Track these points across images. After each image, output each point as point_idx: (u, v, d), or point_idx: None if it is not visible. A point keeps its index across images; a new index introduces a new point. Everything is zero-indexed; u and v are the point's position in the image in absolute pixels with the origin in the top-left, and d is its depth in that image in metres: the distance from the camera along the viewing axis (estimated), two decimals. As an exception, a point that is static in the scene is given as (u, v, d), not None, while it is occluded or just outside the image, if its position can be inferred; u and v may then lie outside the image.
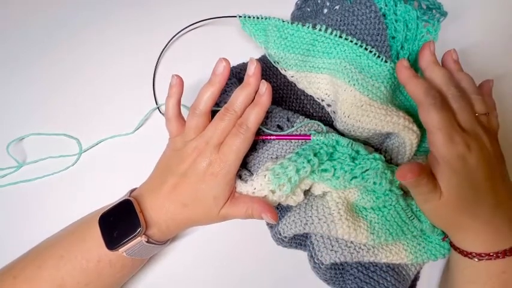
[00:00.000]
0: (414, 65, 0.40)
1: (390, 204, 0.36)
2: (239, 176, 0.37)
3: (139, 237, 0.33)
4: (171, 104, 0.37)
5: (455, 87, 0.33)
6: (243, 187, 0.36)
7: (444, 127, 0.30)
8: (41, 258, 0.35)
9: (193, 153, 0.35)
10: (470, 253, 0.32)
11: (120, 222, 0.34)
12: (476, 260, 0.32)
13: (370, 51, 0.37)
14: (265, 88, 0.35)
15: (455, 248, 0.34)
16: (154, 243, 0.35)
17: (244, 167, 0.39)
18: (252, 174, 0.38)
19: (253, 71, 0.35)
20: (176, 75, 0.37)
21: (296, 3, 0.48)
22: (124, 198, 0.36)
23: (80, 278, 0.34)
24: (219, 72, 0.36)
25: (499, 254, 0.31)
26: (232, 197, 0.36)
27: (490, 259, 0.32)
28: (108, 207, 0.35)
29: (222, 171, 0.34)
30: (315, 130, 0.38)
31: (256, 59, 0.36)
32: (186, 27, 0.47)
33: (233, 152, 0.34)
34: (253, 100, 0.36)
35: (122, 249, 0.33)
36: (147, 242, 0.34)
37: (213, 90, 0.36)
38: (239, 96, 0.36)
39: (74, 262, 0.34)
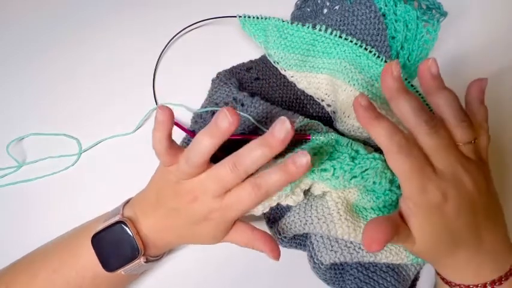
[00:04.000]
0: (414, 66, 0.40)
1: (390, 204, 0.36)
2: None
3: (137, 260, 0.33)
4: (157, 138, 0.30)
5: (427, 121, 0.28)
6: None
7: (413, 175, 0.27)
8: (34, 268, 0.34)
9: (188, 196, 0.32)
10: (450, 282, 0.31)
11: (116, 244, 0.33)
12: None
13: (370, 51, 0.37)
14: (305, 161, 0.28)
15: (438, 275, 0.33)
16: (152, 261, 0.35)
17: None
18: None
19: (283, 135, 0.27)
20: (164, 107, 0.29)
21: (296, 3, 0.48)
22: (117, 220, 0.33)
23: None
24: (223, 128, 0.28)
25: (479, 286, 0.30)
26: (233, 226, 0.34)
27: None
28: (101, 227, 0.34)
29: (222, 220, 0.32)
30: (314, 130, 0.38)
31: (289, 120, 0.28)
32: (186, 27, 0.47)
33: (239, 209, 0.31)
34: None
35: (119, 271, 0.33)
36: (145, 262, 0.34)
37: (214, 142, 0.29)
38: (255, 155, 0.29)
39: (69, 278, 0.34)
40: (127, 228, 0.33)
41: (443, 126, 0.29)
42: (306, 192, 0.38)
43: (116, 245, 0.33)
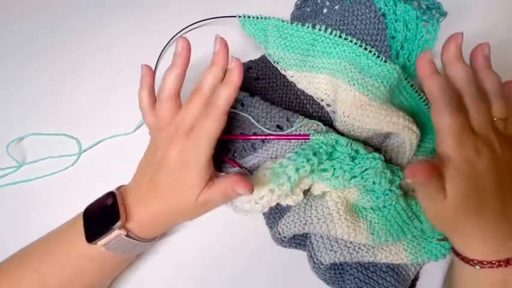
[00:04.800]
0: (414, 66, 0.40)
1: (390, 204, 0.36)
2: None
3: (117, 230, 0.32)
4: (143, 94, 0.36)
5: (476, 88, 0.31)
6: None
7: (454, 129, 0.29)
8: (28, 255, 0.35)
9: (165, 142, 0.34)
10: (472, 260, 0.31)
11: (101, 214, 0.33)
12: (477, 267, 0.31)
13: (370, 51, 0.37)
14: (233, 64, 0.33)
15: (457, 254, 0.33)
16: (135, 239, 0.34)
17: (244, 167, 0.39)
18: (251, 174, 0.38)
19: (218, 47, 0.33)
20: (145, 65, 0.36)
21: (296, 3, 0.48)
22: (109, 192, 0.35)
23: (60, 274, 0.34)
24: (178, 53, 0.34)
25: (501, 263, 0.30)
26: (209, 182, 0.34)
27: (492, 267, 0.30)
28: (94, 200, 0.35)
29: (193, 157, 0.33)
30: (314, 130, 0.38)
31: (220, 37, 0.34)
32: (186, 27, 0.47)
33: (203, 135, 0.33)
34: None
35: (100, 242, 0.32)
36: (126, 235, 0.33)
37: (176, 72, 0.34)
38: (207, 76, 0.34)
39: (55, 256, 0.34)
40: (113, 197, 0.34)
41: (486, 99, 0.32)
42: (306, 192, 0.38)
43: (101, 215, 0.33)
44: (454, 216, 0.31)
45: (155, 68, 0.47)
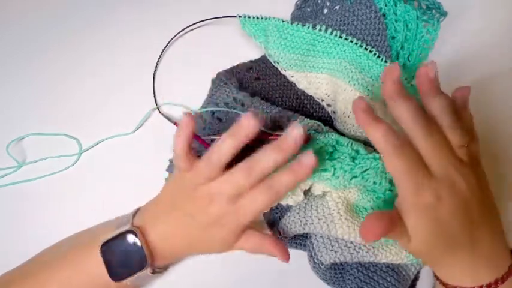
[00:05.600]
0: (414, 66, 0.40)
1: (390, 204, 0.36)
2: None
3: (145, 270, 0.33)
4: (180, 141, 0.32)
5: (423, 125, 0.29)
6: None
7: (408, 176, 0.28)
8: (44, 278, 0.34)
9: (203, 200, 0.33)
10: (447, 284, 0.31)
11: (124, 254, 0.33)
12: None
13: (370, 51, 0.37)
14: (310, 162, 0.30)
15: (437, 278, 0.33)
16: (159, 272, 0.36)
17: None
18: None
19: (295, 139, 0.30)
20: (188, 113, 0.32)
21: (296, 3, 0.48)
22: (127, 229, 0.34)
23: None
24: (244, 126, 0.30)
25: None
26: (242, 233, 0.34)
27: None
28: (110, 235, 0.34)
29: (235, 223, 0.33)
30: (314, 130, 0.38)
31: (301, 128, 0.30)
32: (186, 27, 0.47)
33: (253, 210, 0.32)
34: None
35: (126, 281, 0.33)
36: (152, 273, 0.34)
37: (235, 144, 0.31)
38: (268, 158, 0.31)
39: (75, 285, 0.34)
40: (136, 238, 0.33)
41: (438, 130, 0.29)
42: (306, 192, 0.38)
43: (124, 254, 0.33)
44: (423, 255, 0.31)
45: (155, 68, 0.46)
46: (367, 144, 0.39)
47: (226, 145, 0.31)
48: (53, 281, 0.34)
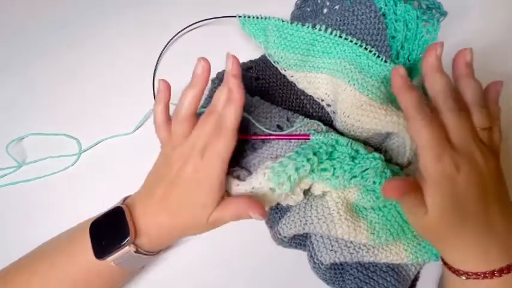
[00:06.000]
0: (414, 66, 0.40)
1: (390, 204, 0.36)
2: (237, 176, 0.37)
3: (127, 247, 0.32)
4: (159, 109, 0.36)
5: (454, 100, 0.30)
6: (241, 186, 0.36)
7: (432, 145, 0.29)
8: (34, 264, 0.34)
9: (179, 160, 0.34)
10: (458, 270, 0.31)
11: (109, 230, 0.33)
12: (463, 278, 0.31)
13: (370, 51, 0.37)
14: (231, 82, 0.33)
15: (444, 263, 0.33)
16: (143, 253, 0.34)
17: (244, 167, 0.39)
18: (251, 174, 0.38)
19: (230, 67, 0.33)
20: (163, 80, 0.36)
21: (296, 3, 0.48)
22: (115, 206, 0.35)
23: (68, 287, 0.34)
24: (198, 74, 0.34)
25: (487, 275, 0.30)
26: (221, 202, 0.34)
27: (478, 278, 0.30)
28: (99, 214, 0.35)
29: (208, 177, 0.33)
30: (314, 130, 0.38)
31: (232, 55, 0.34)
32: (186, 27, 0.47)
33: (216, 156, 0.33)
34: None
35: (109, 259, 0.32)
36: (135, 252, 0.33)
37: (194, 92, 0.34)
38: (220, 96, 0.34)
39: (63, 270, 0.34)
40: (122, 213, 0.34)
41: (466, 108, 0.31)
42: (306, 192, 0.38)
43: (109, 231, 0.33)
44: (437, 230, 0.31)
45: (155, 68, 0.47)
46: (367, 143, 0.39)
47: (187, 97, 0.34)
48: (46, 270, 0.34)
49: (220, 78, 0.43)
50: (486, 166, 0.30)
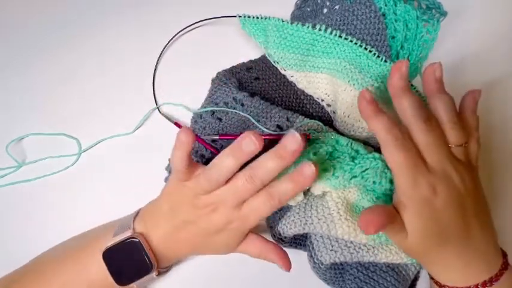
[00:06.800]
0: (414, 66, 0.40)
1: (390, 204, 0.36)
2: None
3: (151, 274, 0.34)
4: (177, 156, 0.31)
5: (425, 120, 0.30)
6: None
7: (406, 169, 0.29)
8: (45, 279, 0.35)
9: (206, 208, 0.33)
10: (444, 286, 0.32)
11: (128, 260, 0.34)
12: None
13: (370, 51, 0.37)
14: (311, 171, 0.31)
15: (431, 277, 0.33)
16: (163, 272, 0.36)
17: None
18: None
19: (294, 147, 0.30)
20: (187, 129, 0.30)
21: (296, 3, 0.48)
22: (129, 236, 0.34)
23: None
24: (248, 151, 0.30)
25: None
26: (245, 237, 0.35)
27: None
28: (112, 242, 0.34)
29: (239, 230, 0.34)
30: (314, 130, 0.38)
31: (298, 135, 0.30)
32: (186, 27, 0.47)
33: (256, 217, 0.33)
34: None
35: (132, 284, 0.34)
36: (157, 275, 0.35)
37: (236, 163, 0.31)
38: (269, 167, 0.31)
39: None
40: (139, 244, 0.34)
41: (438, 126, 0.30)
42: (306, 192, 0.38)
43: (128, 260, 0.34)
44: (418, 251, 0.31)
45: (155, 68, 0.46)
46: (367, 143, 0.39)
47: (226, 164, 0.31)
48: (54, 284, 0.34)
49: (220, 78, 0.43)
50: (463, 184, 0.30)
